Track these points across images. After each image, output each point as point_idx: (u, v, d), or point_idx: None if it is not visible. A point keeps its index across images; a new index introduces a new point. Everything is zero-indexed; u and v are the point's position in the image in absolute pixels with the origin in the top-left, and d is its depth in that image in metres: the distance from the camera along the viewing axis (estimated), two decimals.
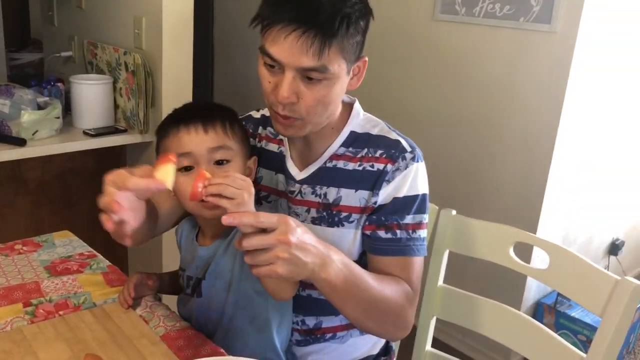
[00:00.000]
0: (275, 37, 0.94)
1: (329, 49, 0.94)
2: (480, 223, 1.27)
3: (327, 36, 0.93)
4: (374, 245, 1.09)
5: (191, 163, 0.98)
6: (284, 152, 1.15)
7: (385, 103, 2.48)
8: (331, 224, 1.09)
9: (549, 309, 2.35)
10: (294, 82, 0.96)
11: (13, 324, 1.01)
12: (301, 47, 0.93)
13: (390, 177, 1.07)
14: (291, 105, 0.98)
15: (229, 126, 1.01)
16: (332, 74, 0.97)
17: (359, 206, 1.08)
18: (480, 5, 2.13)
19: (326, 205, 1.10)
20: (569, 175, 2.19)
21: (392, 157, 1.07)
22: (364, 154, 1.09)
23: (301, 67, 0.94)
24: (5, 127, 1.88)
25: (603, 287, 1.06)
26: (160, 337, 1.00)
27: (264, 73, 1.00)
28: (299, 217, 1.12)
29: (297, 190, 1.12)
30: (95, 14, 2.34)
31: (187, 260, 1.12)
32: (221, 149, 0.99)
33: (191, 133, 0.98)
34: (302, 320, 1.15)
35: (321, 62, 0.94)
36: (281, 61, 0.95)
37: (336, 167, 1.10)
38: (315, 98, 0.98)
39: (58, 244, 1.32)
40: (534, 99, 2.07)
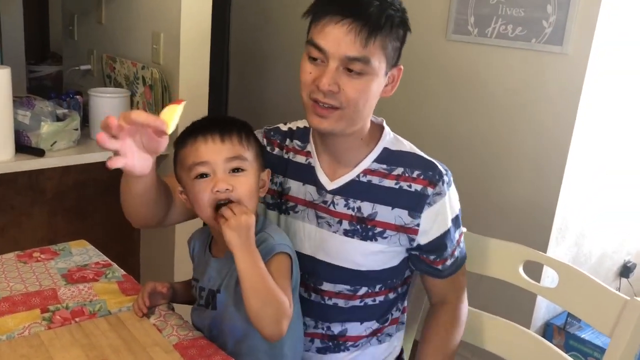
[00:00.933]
0: (323, 27, 1.01)
1: (374, 42, 1.00)
2: (490, 241, 1.28)
3: (373, 29, 1.00)
4: (441, 274, 1.19)
5: (207, 171, 1.01)
6: (312, 164, 1.17)
7: (398, 122, 2.49)
8: (364, 237, 1.12)
9: (558, 329, 2.34)
10: (337, 73, 1.01)
11: (31, 329, 1.03)
12: (348, 37, 0.99)
13: (432, 201, 1.11)
14: (332, 94, 1.02)
15: (244, 138, 1.04)
16: (372, 69, 1.02)
17: (394, 224, 1.12)
18: (492, 26, 2.16)
19: (360, 219, 1.12)
20: (579, 196, 2.19)
21: (432, 180, 1.11)
22: (400, 172, 1.12)
23: (346, 56, 0.99)
24: (25, 137, 1.92)
25: (612, 306, 1.07)
26: (173, 345, 1.02)
27: (305, 66, 1.05)
28: (330, 227, 1.14)
29: (330, 201, 1.14)
30: (115, 29, 2.40)
31: (200, 271, 1.13)
32: (237, 159, 1.02)
33: (208, 142, 1.01)
34: (327, 326, 1.18)
35: (365, 53, 1.00)
36: (327, 50, 1.00)
37: (370, 182, 1.13)
38: (356, 90, 1.02)
39: (75, 253, 1.35)
40: (546, 120, 2.09)
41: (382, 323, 1.22)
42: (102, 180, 2.24)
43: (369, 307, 1.18)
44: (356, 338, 1.20)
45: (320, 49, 1.01)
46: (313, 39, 1.02)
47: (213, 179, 1.00)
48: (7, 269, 1.24)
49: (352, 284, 1.15)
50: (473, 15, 2.21)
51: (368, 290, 1.17)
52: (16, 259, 1.29)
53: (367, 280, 1.16)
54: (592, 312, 1.12)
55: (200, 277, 1.13)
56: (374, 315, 1.20)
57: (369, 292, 1.17)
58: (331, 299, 1.16)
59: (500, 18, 2.13)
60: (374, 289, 1.17)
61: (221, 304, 1.08)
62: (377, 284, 1.17)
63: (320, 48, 1.01)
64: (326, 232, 1.14)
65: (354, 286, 1.16)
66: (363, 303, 1.18)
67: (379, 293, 1.18)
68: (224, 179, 1.00)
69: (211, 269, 1.10)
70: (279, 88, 3.09)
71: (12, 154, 1.85)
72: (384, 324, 1.22)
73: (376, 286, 1.17)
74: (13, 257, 1.30)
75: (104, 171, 2.22)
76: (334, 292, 1.16)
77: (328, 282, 1.15)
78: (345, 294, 1.16)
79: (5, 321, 1.05)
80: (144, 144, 0.93)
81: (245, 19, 3.36)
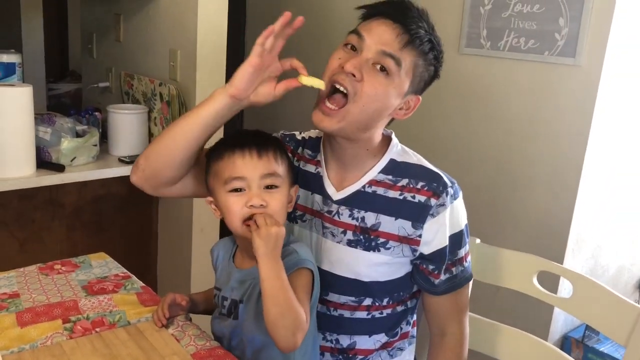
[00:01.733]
0: (371, 23, 1.06)
1: (410, 50, 1.04)
2: (504, 252, 1.29)
3: (414, 39, 1.04)
4: (436, 290, 1.16)
5: (243, 186, 1.03)
6: (320, 173, 1.18)
7: (411, 134, 2.51)
8: (367, 248, 1.13)
9: (576, 343, 2.32)
10: (366, 64, 1.04)
11: (53, 339, 1.06)
12: (390, 35, 1.03)
13: (435, 212, 1.11)
14: (352, 80, 1.03)
15: (279, 154, 1.07)
16: (398, 76, 1.05)
17: (397, 234, 1.12)
18: (505, 39, 2.17)
19: (364, 229, 1.13)
20: (595, 208, 2.18)
21: (435, 192, 1.11)
22: (404, 183, 1.13)
23: (382, 50, 1.03)
24: (46, 153, 1.96)
25: (627, 316, 1.07)
26: (191, 355, 1.04)
27: (336, 54, 1.07)
28: (334, 237, 1.15)
29: (335, 211, 1.15)
30: (133, 47, 2.45)
31: (223, 281, 1.15)
32: (272, 175, 1.04)
33: (246, 157, 1.03)
34: (336, 339, 1.18)
35: (400, 55, 1.03)
36: (367, 40, 1.04)
37: (375, 193, 1.13)
38: (375, 86, 1.04)
39: (95, 265, 1.38)
40: (560, 131, 2.09)
41: (392, 337, 1.22)
42: (120, 195, 2.28)
43: (376, 319, 1.18)
44: (366, 352, 1.20)
45: (361, 37, 1.05)
46: (358, 29, 1.06)
47: (248, 193, 1.03)
48: (30, 280, 1.27)
49: (355, 295, 1.16)
50: (485, 28, 2.23)
51: (374, 302, 1.17)
52: (38, 271, 1.32)
53: (371, 292, 1.16)
54: (607, 322, 1.12)
55: (223, 287, 1.15)
56: (382, 328, 1.20)
57: (375, 305, 1.17)
58: (337, 310, 1.17)
59: (513, 31, 2.15)
60: (380, 302, 1.17)
61: (242, 315, 1.09)
62: (384, 296, 1.17)
63: (361, 36, 1.05)
64: (330, 242, 1.16)
65: (358, 297, 1.16)
66: (370, 315, 1.18)
67: (386, 306, 1.18)
68: (259, 195, 1.02)
69: (234, 279, 1.11)
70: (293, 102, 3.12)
71: (34, 170, 1.90)
72: (393, 337, 1.22)
73: (383, 299, 1.17)
74: (35, 270, 1.33)
75: (123, 186, 2.29)
76: (338, 303, 1.17)
77: (333, 293, 1.16)
78: (350, 305, 1.17)
79: (28, 331, 1.07)
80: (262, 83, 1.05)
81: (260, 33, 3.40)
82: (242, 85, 1.03)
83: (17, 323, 1.10)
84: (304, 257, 1.07)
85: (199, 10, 2.02)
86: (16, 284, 1.25)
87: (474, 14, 2.25)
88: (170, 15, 2.18)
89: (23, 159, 1.85)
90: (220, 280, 1.17)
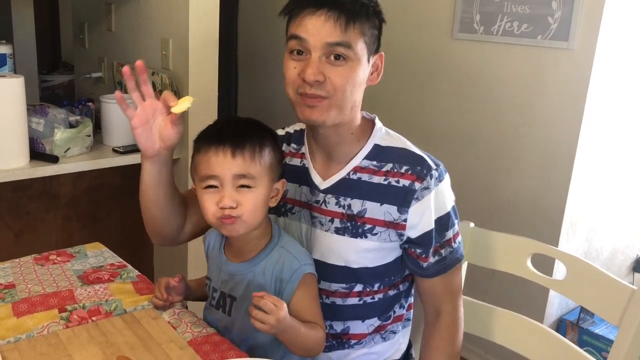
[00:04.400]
0: (302, 20, 1.03)
1: (353, 27, 1.03)
2: (498, 235, 1.29)
3: (351, 15, 1.02)
4: (426, 272, 1.16)
5: (216, 184, 1.02)
6: (306, 165, 1.19)
7: (405, 120, 2.52)
8: (355, 235, 1.13)
9: (571, 325, 2.34)
10: (320, 63, 1.03)
11: (49, 328, 1.06)
12: (327, 24, 1.02)
13: (420, 195, 1.10)
14: (319, 84, 1.03)
15: (258, 152, 1.03)
16: (355, 54, 1.04)
17: (383, 219, 1.12)
18: (498, 24, 2.17)
19: (350, 216, 1.13)
20: (589, 191, 2.19)
21: (420, 175, 1.10)
22: (389, 168, 1.12)
23: (327, 42, 1.02)
24: (39, 144, 1.96)
25: (620, 296, 1.08)
26: (187, 342, 1.04)
27: (289, 63, 1.07)
28: (322, 226, 1.15)
29: (322, 200, 1.15)
30: (125, 37, 2.44)
31: (213, 271, 1.15)
32: (244, 177, 1.02)
33: (219, 156, 1.01)
34: (329, 325, 1.19)
35: (346, 38, 1.02)
36: (308, 39, 1.02)
37: (360, 179, 1.13)
38: (341, 76, 1.04)
39: (90, 255, 1.38)
40: (553, 115, 2.09)
41: (385, 320, 1.22)
42: (115, 186, 2.28)
43: (368, 304, 1.19)
44: (359, 336, 1.21)
45: (302, 39, 1.03)
46: (293, 32, 1.05)
47: (220, 192, 1.02)
48: (25, 271, 1.27)
49: (346, 282, 1.16)
50: (478, 13, 2.22)
51: (365, 288, 1.17)
52: (33, 261, 1.32)
53: (361, 279, 1.16)
54: (601, 302, 1.12)
55: (212, 277, 1.15)
56: (374, 313, 1.20)
57: (366, 290, 1.17)
58: (329, 298, 1.17)
59: (506, 15, 2.14)
60: (371, 287, 1.17)
61: (236, 312, 1.10)
62: (374, 282, 1.17)
63: (301, 39, 1.03)
64: (319, 231, 1.16)
65: (348, 284, 1.16)
66: (362, 301, 1.18)
67: (377, 291, 1.18)
68: (230, 195, 1.01)
69: (225, 272, 1.11)
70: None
71: (27, 161, 1.89)
72: (386, 321, 1.23)
73: (374, 285, 1.17)
74: (30, 260, 1.33)
75: (117, 176, 2.28)
76: (330, 290, 1.17)
77: (324, 281, 1.16)
78: (341, 292, 1.17)
79: (24, 321, 1.07)
80: (160, 128, 1.07)
81: (253, 23, 3.39)
82: (146, 145, 1.07)
83: (13, 313, 1.10)
84: (302, 260, 1.07)
85: None
86: (11, 275, 1.25)
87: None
88: (161, 4, 2.17)
89: (16, 150, 1.84)
90: (210, 270, 1.17)
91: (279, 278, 1.06)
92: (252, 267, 1.08)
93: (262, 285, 1.06)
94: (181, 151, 2.17)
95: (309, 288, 1.07)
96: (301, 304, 1.06)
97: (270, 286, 1.06)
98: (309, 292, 1.07)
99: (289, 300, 1.05)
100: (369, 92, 1.13)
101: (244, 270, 1.08)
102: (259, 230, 1.08)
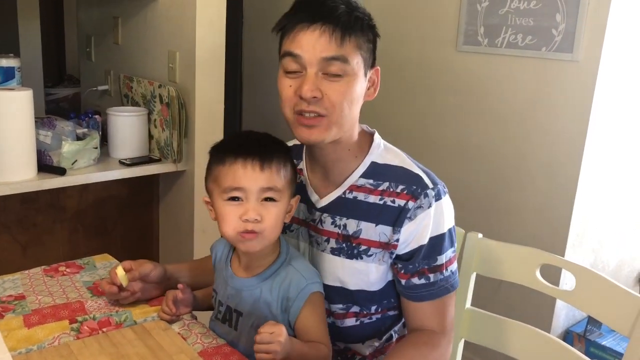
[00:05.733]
0: (295, 36, 1.01)
1: (349, 40, 1.00)
2: (506, 246, 1.29)
3: (346, 29, 1.00)
4: (409, 293, 1.11)
5: (240, 196, 1.00)
6: (303, 182, 1.17)
7: (409, 133, 2.52)
8: (350, 256, 1.11)
9: (578, 337, 2.33)
10: (317, 79, 1.01)
11: (60, 339, 1.06)
12: (322, 39, 0.99)
13: (412, 215, 1.07)
14: (316, 101, 1.01)
15: (282, 167, 1.02)
16: (351, 69, 1.01)
17: (378, 241, 1.10)
18: (502, 36, 2.18)
19: (345, 236, 1.11)
20: (595, 202, 2.19)
21: (414, 194, 1.07)
22: (385, 187, 1.10)
23: (323, 57, 0.99)
24: (47, 157, 1.97)
25: (630, 307, 1.07)
26: (198, 353, 1.04)
27: (284, 82, 1.04)
28: (319, 245, 1.14)
29: (318, 219, 1.14)
30: (131, 50, 2.45)
31: (220, 284, 1.15)
32: (271, 190, 1.00)
33: (247, 168, 0.99)
34: (333, 343, 1.18)
35: (342, 52, 1.00)
36: (303, 56, 1.00)
37: (356, 199, 1.11)
38: (338, 92, 1.01)
39: (99, 266, 1.38)
40: (559, 127, 2.10)
41: (387, 341, 1.21)
42: (121, 198, 2.29)
43: (365, 325, 1.17)
44: (363, 356, 1.20)
45: (296, 56, 1.01)
46: (287, 49, 1.02)
47: (244, 205, 1.00)
48: (35, 282, 1.28)
49: (343, 303, 1.15)
50: (483, 25, 2.24)
51: (362, 310, 1.15)
52: (43, 273, 1.33)
53: (357, 301, 1.14)
54: (611, 313, 1.12)
55: (218, 290, 1.15)
56: (373, 334, 1.19)
57: (363, 312, 1.16)
58: (329, 317, 1.16)
59: (510, 28, 2.16)
60: (368, 309, 1.16)
61: (242, 327, 1.09)
62: (371, 304, 1.15)
63: (296, 55, 1.01)
64: (315, 250, 1.15)
65: (345, 304, 1.15)
66: (359, 322, 1.17)
67: (374, 313, 1.17)
68: (255, 209, 0.99)
69: (231, 287, 1.10)
70: None
71: (35, 173, 1.90)
72: (388, 341, 1.21)
73: (370, 307, 1.15)
74: (40, 272, 1.33)
75: (124, 188, 2.29)
76: (329, 310, 1.15)
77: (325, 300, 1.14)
78: (339, 313, 1.16)
79: (35, 332, 1.08)
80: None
81: (257, 35, 3.42)
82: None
83: (24, 324, 1.10)
84: (310, 279, 1.05)
85: (197, 12, 2.02)
86: (21, 286, 1.25)
87: (471, 11, 2.26)
88: (168, 17, 2.19)
89: (24, 162, 1.85)
90: (217, 283, 1.16)
91: (286, 297, 1.05)
92: (259, 283, 1.07)
93: (269, 302, 1.06)
94: (187, 163, 2.18)
95: (315, 307, 1.05)
96: (307, 323, 1.05)
97: (276, 304, 1.05)
98: (315, 310, 1.05)
99: (294, 318, 1.04)
100: (373, 105, 1.12)
101: (251, 285, 1.07)
102: (270, 246, 1.07)
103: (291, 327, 1.06)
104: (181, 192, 2.25)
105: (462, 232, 1.33)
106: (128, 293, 1.17)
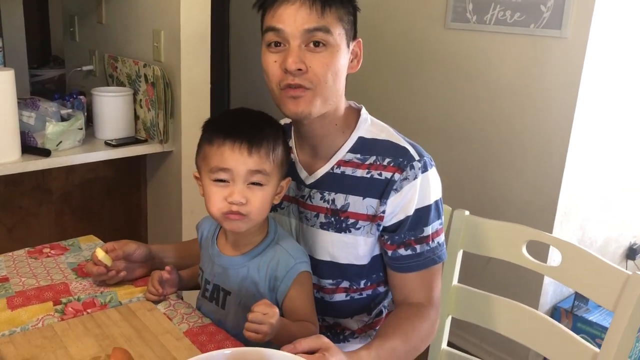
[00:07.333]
0: (276, 11, 1.02)
1: (329, 11, 1.01)
2: (493, 222, 1.29)
3: (326, 0, 1.01)
4: (395, 264, 1.12)
5: (227, 178, 0.99)
6: (292, 159, 1.17)
7: (398, 110, 2.51)
8: (339, 229, 1.12)
9: (566, 313, 2.35)
10: (300, 51, 1.01)
11: (44, 321, 1.05)
12: (303, 10, 1.00)
13: (399, 186, 1.08)
14: (301, 73, 1.01)
15: (272, 149, 1.01)
16: (334, 40, 1.02)
17: (366, 214, 1.10)
18: (491, 13, 2.17)
19: (334, 211, 1.12)
20: (583, 179, 2.20)
21: (400, 166, 1.08)
22: (372, 161, 1.11)
23: (305, 28, 1.00)
24: (31, 138, 1.94)
25: (615, 282, 1.08)
26: (183, 332, 1.04)
27: (268, 57, 1.04)
28: (308, 221, 1.15)
29: (307, 195, 1.14)
30: (115, 29, 2.41)
31: (205, 261, 1.14)
32: (258, 173, 0.99)
33: (235, 151, 0.98)
34: (322, 318, 1.19)
35: (324, 22, 1.00)
36: (285, 29, 1.01)
37: (344, 173, 1.12)
38: (322, 64, 1.02)
39: (84, 248, 1.37)
40: (546, 104, 2.09)
41: (376, 316, 1.21)
42: (108, 179, 2.27)
43: (355, 300, 1.18)
44: (352, 331, 1.21)
45: (278, 30, 1.01)
46: (269, 24, 1.03)
47: (230, 187, 0.99)
48: (19, 265, 1.26)
49: (333, 278, 1.16)
50: (471, 2, 2.22)
51: (351, 285, 1.16)
52: (27, 255, 1.32)
53: (347, 275, 1.15)
54: (596, 288, 1.13)
55: (205, 268, 1.14)
56: (363, 309, 1.19)
57: (353, 288, 1.16)
58: (319, 292, 1.17)
59: (499, 4, 2.14)
60: (357, 284, 1.16)
61: (230, 305, 1.09)
62: (360, 279, 1.16)
63: (278, 29, 1.01)
64: (305, 226, 1.15)
65: (335, 279, 1.16)
66: (349, 297, 1.17)
67: (364, 288, 1.17)
68: (241, 191, 0.99)
69: (217, 265, 1.10)
70: None
71: (19, 155, 1.87)
72: (377, 316, 1.22)
73: (360, 282, 1.16)
74: (24, 254, 1.32)
75: (110, 169, 2.27)
76: (318, 285, 1.16)
77: (313, 275, 1.14)
78: (328, 288, 1.17)
79: (19, 314, 1.07)
80: None
81: (244, 12, 3.38)
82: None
83: (7, 306, 1.09)
84: (298, 258, 1.05)
85: None
86: (5, 269, 1.24)
87: None
88: None
89: (7, 144, 1.83)
90: (203, 261, 1.16)
91: (274, 276, 1.05)
92: (246, 262, 1.07)
93: (256, 281, 1.06)
94: (174, 144, 2.16)
95: (303, 286, 1.06)
96: (295, 303, 1.05)
97: (264, 283, 1.05)
98: (303, 290, 1.06)
99: (282, 298, 1.04)
100: (360, 81, 1.12)
101: (238, 264, 1.07)
102: (257, 225, 1.06)
103: (279, 306, 1.06)
104: (168, 173, 2.23)
105: (449, 210, 1.33)
106: (114, 272, 1.17)
